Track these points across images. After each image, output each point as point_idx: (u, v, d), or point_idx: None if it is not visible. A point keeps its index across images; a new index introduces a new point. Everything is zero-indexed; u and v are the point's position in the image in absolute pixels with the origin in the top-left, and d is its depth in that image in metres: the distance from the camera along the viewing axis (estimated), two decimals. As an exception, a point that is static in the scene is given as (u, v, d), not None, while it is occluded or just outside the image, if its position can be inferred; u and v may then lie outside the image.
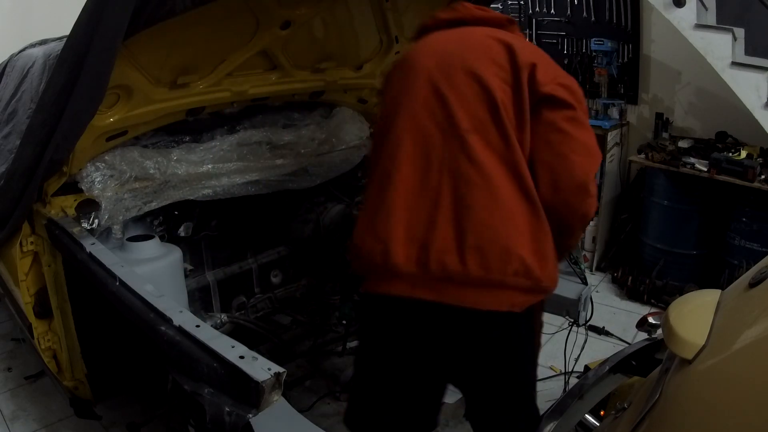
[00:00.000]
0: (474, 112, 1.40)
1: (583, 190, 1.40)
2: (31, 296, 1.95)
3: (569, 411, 1.45)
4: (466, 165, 1.38)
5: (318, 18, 2.12)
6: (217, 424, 1.18)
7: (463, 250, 1.37)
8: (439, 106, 1.42)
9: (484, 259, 1.36)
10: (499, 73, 1.42)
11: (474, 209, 1.37)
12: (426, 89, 1.45)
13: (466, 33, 1.54)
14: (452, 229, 1.38)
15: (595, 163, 1.41)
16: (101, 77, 1.49)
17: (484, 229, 1.37)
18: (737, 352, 0.95)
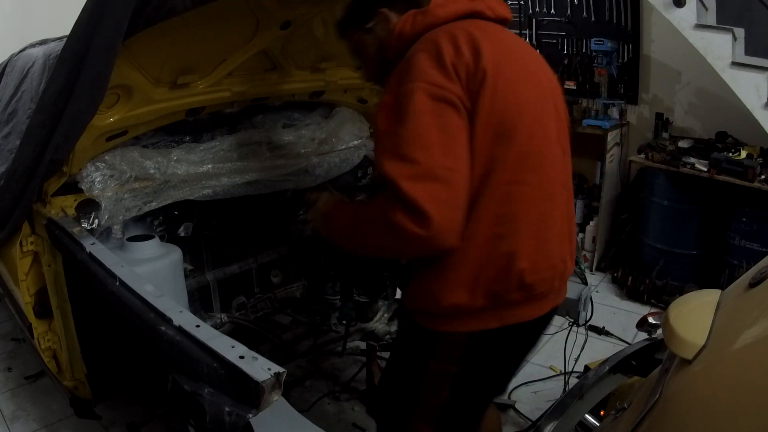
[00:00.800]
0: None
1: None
2: (31, 296, 1.95)
3: (569, 411, 1.46)
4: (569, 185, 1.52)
5: (318, 18, 2.12)
6: (217, 424, 1.18)
7: (572, 255, 1.53)
8: (559, 125, 1.46)
9: (572, 254, 1.54)
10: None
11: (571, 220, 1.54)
12: (550, 105, 1.44)
13: (524, 43, 1.58)
14: (568, 242, 1.50)
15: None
16: (101, 77, 1.49)
17: (574, 236, 1.55)
18: (737, 352, 0.95)
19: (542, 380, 2.79)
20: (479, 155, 1.30)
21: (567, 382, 2.54)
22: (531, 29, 4.21)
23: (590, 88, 4.01)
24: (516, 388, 2.73)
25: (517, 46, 1.44)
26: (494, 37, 1.37)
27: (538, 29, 4.19)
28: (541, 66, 1.48)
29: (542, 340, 1.67)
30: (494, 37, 1.37)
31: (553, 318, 1.64)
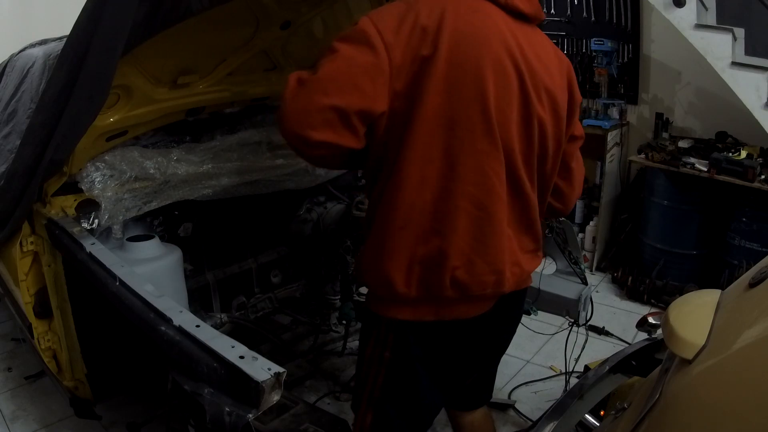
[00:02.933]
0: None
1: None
2: (31, 296, 1.95)
3: (569, 411, 1.45)
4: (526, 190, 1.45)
5: (318, 18, 2.12)
6: (217, 424, 1.18)
7: (536, 251, 1.54)
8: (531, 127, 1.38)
9: (535, 252, 1.54)
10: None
11: (535, 221, 1.51)
12: (516, 102, 1.34)
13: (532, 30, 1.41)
14: (523, 240, 1.48)
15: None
16: (102, 78, 1.49)
17: (537, 234, 1.54)
18: (737, 352, 0.95)
19: (542, 380, 2.79)
20: (424, 141, 1.28)
21: (567, 382, 2.54)
22: (531, 29, 4.20)
23: (590, 88, 4.01)
24: (516, 388, 2.73)
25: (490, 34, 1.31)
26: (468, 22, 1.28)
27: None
28: (532, 59, 1.35)
29: (542, 340, 1.66)
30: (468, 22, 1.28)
31: (512, 320, 1.64)
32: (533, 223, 1.50)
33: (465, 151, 1.30)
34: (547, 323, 2.82)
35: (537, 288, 2.29)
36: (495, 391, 2.67)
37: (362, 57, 1.24)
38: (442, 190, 1.32)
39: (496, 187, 1.35)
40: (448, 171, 1.31)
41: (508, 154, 1.35)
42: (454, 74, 1.26)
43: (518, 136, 1.36)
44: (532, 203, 1.46)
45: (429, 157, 1.30)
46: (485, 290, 1.40)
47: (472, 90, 1.27)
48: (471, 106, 1.28)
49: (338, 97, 1.23)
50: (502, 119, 1.31)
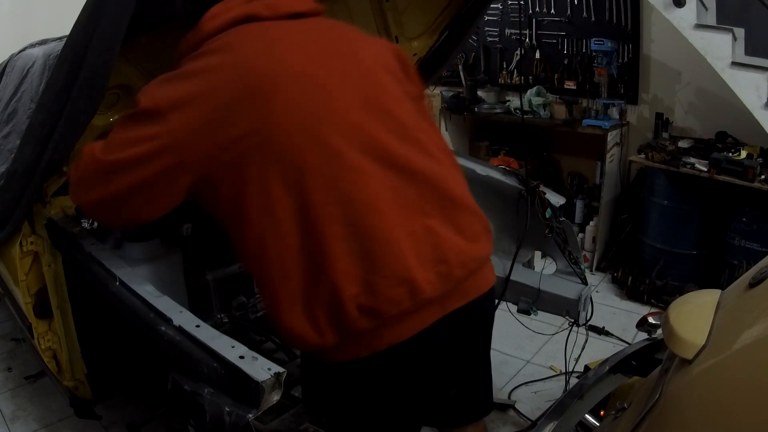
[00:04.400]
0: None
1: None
2: (31, 296, 1.95)
3: (569, 411, 1.45)
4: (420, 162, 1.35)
5: (318, 18, 2.12)
6: (217, 424, 1.18)
7: (472, 242, 1.37)
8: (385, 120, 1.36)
9: (482, 240, 1.42)
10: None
11: (458, 200, 1.38)
12: (358, 97, 1.33)
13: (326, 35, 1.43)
14: (456, 229, 1.35)
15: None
16: (101, 77, 1.49)
17: (473, 213, 1.42)
18: (737, 352, 0.95)
19: (542, 380, 2.79)
20: (258, 186, 1.22)
21: (567, 382, 2.54)
22: (531, 29, 4.21)
23: (590, 88, 4.01)
24: (516, 388, 2.73)
25: (303, 45, 1.32)
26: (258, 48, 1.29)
27: (538, 29, 4.19)
28: (351, 56, 1.35)
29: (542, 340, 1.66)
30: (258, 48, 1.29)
31: (481, 319, 1.50)
32: (453, 200, 1.36)
33: (306, 174, 1.22)
34: (547, 323, 2.82)
35: (537, 288, 2.29)
36: (495, 391, 2.68)
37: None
38: (303, 225, 1.22)
39: (359, 194, 1.24)
40: (299, 202, 1.22)
41: (363, 148, 1.26)
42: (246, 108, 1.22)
43: (365, 123, 1.28)
44: (433, 178, 1.33)
45: (270, 199, 1.22)
46: (401, 305, 1.25)
47: (272, 114, 1.22)
48: (282, 129, 1.22)
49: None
50: (323, 123, 1.24)
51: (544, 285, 2.30)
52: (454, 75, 4.52)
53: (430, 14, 2.47)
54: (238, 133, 1.21)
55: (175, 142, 1.21)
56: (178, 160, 1.22)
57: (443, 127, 4.47)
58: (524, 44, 4.27)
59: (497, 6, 4.28)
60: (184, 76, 1.25)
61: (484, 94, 4.42)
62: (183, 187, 1.27)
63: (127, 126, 1.26)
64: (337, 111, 1.27)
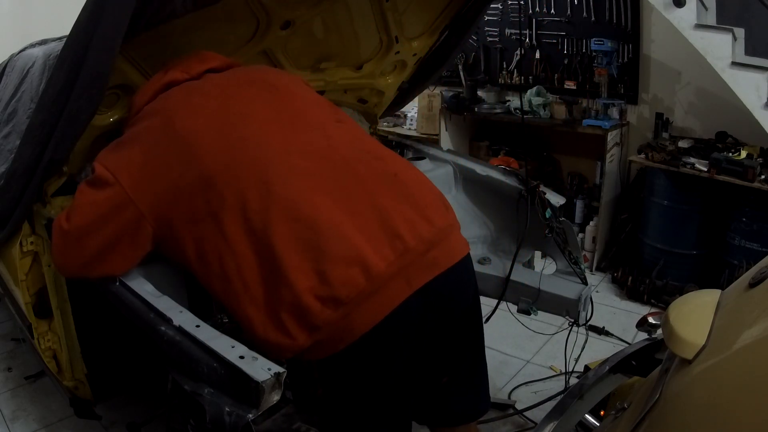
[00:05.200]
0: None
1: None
2: (31, 296, 1.95)
3: (569, 411, 1.45)
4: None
5: (318, 18, 2.12)
6: (217, 424, 1.18)
7: (424, 212, 1.41)
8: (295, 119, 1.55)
9: (437, 209, 1.46)
10: None
11: (401, 174, 1.48)
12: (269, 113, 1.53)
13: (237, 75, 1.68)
14: (403, 201, 1.41)
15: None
16: (101, 77, 1.49)
17: (420, 184, 1.50)
18: (737, 352, 0.95)
19: (542, 380, 2.79)
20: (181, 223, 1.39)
21: (567, 382, 2.54)
22: (531, 29, 4.21)
23: (590, 88, 4.01)
24: (516, 388, 2.73)
25: (214, 90, 1.54)
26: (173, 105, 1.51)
27: (538, 29, 4.19)
28: (261, 80, 1.60)
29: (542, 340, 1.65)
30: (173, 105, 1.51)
31: (461, 295, 1.49)
32: (396, 174, 1.45)
33: (242, 190, 1.35)
34: (547, 323, 2.82)
35: (537, 288, 2.29)
36: (495, 391, 2.69)
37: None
38: (251, 235, 1.32)
39: (293, 191, 1.34)
40: (243, 216, 1.33)
41: (288, 150, 1.41)
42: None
43: (283, 130, 1.45)
44: (370, 160, 1.46)
45: (217, 221, 1.35)
46: (358, 286, 1.27)
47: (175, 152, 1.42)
48: (210, 159, 1.40)
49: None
50: (245, 140, 1.42)
51: (544, 285, 2.30)
52: (454, 75, 4.52)
53: (430, 14, 2.47)
54: (175, 174, 1.39)
55: (128, 197, 1.39)
56: (136, 212, 1.39)
57: (443, 127, 4.47)
58: (524, 44, 4.27)
59: (497, 6, 4.29)
60: (126, 142, 1.49)
61: (484, 94, 4.42)
62: (147, 236, 1.43)
63: (85, 192, 1.45)
64: (255, 128, 1.44)
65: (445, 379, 1.59)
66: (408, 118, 4.91)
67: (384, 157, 1.51)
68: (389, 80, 2.70)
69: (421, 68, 2.73)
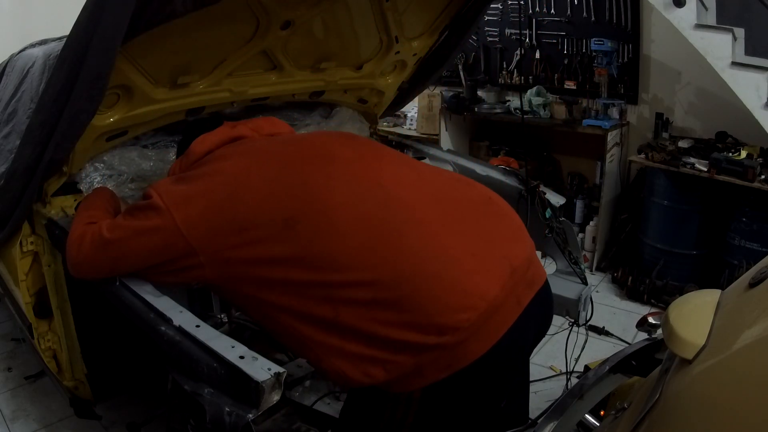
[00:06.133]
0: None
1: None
2: (31, 296, 1.95)
3: (569, 411, 1.45)
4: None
5: (318, 18, 2.12)
6: (217, 424, 1.18)
7: (517, 233, 1.52)
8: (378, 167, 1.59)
9: (524, 230, 1.57)
10: None
11: (494, 197, 1.59)
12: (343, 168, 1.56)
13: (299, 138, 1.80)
14: (501, 223, 1.50)
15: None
16: (101, 77, 1.49)
17: (508, 207, 1.60)
18: (737, 352, 0.95)
19: (542, 380, 2.79)
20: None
21: (568, 381, 2.54)
22: (531, 29, 4.21)
23: (590, 88, 4.01)
24: (516, 388, 2.73)
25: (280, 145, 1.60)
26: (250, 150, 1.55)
27: (538, 29, 4.19)
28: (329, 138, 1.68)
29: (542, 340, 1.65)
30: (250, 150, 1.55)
31: (538, 323, 1.51)
32: (488, 197, 1.56)
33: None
34: (547, 323, 2.81)
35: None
36: (495, 391, 2.69)
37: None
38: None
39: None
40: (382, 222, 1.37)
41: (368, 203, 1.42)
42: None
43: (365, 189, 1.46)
44: (457, 185, 1.59)
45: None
46: (478, 310, 1.28)
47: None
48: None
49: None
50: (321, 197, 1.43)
51: (544, 285, 2.30)
52: (454, 75, 4.52)
53: (430, 14, 2.47)
54: (242, 215, 1.37)
55: (179, 231, 1.37)
56: (186, 246, 1.37)
57: (443, 127, 4.47)
58: (524, 44, 4.27)
59: (497, 6, 4.29)
60: (187, 180, 1.46)
61: (484, 94, 4.42)
62: (196, 270, 1.40)
63: (135, 215, 1.43)
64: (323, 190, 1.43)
65: (504, 403, 1.58)
66: (408, 118, 4.91)
67: (473, 182, 1.60)
68: (389, 80, 2.71)
69: (421, 68, 2.73)
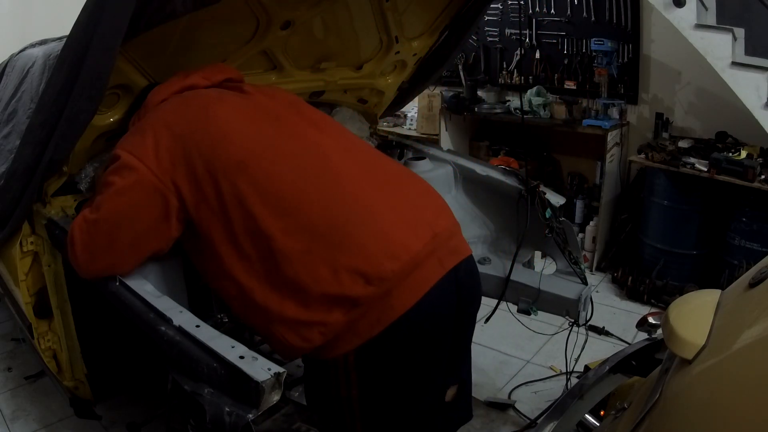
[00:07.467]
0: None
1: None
2: (31, 296, 1.95)
3: (569, 411, 1.45)
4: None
5: (318, 18, 2.12)
6: (217, 424, 1.18)
7: (442, 207, 1.55)
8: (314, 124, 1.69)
9: (447, 207, 1.59)
10: None
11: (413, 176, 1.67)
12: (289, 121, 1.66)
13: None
14: (425, 195, 1.56)
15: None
16: (101, 77, 1.49)
17: (428, 186, 1.63)
18: (737, 352, 0.95)
19: (542, 380, 2.79)
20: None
21: (568, 381, 2.54)
22: (531, 29, 4.21)
23: (590, 88, 4.01)
24: (516, 388, 2.73)
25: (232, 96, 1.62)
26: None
27: (538, 29, 4.19)
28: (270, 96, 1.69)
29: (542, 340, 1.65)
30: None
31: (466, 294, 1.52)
32: (411, 174, 1.65)
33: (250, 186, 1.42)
34: (547, 323, 2.82)
35: (537, 288, 2.29)
36: (495, 390, 2.69)
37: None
38: (288, 215, 1.39)
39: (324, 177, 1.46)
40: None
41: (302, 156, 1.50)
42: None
43: (312, 137, 1.56)
44: (383, 158, 1.65)
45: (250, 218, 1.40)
46: (401, 261, 1.33)
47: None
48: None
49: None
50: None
51: (544, 285, 2.30)
52: (454, 75, 4.52)
53: (430, 14, 2.47)
54: (205, 157, 1.42)
55: (157, 179, 1.40)
56: (164, 194, 1.41)
57: (443, 127, 4.47)
58: (524, 44, 4.27)
59: (497, 6, 4.29)
60: (148, 128, 1.50)
61: (484, 94, 4.42)
62: (175, 218, 1.44)
63: (111, 181, 1.44)
64: (289, 128, 1.55)
65: (452, 389, 1.60)
66: (408, 118, 4.92)
67: (395, 164, 1.68)
68: (389, 80, 2.71)
69: (421, 68, 2.73)
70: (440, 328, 1.45)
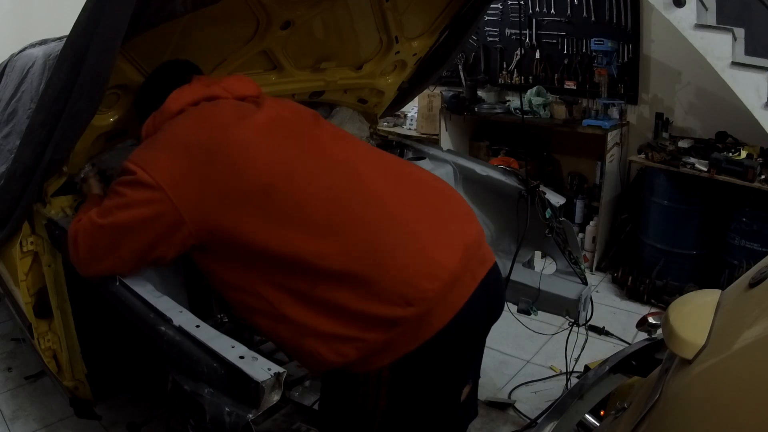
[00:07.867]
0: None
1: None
2: (31, 296, 1.95)
3: (569, 411, 1.45)
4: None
5: (318, 18, 2.12)
6: (217, 424, 1.18)
7: (468, 215, 1.54)
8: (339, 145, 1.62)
9: (473, 215, 1.59)
10: None
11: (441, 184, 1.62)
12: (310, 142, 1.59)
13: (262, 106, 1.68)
14: (453, 204, 1.53)
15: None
16: (101, 77, 1.49)
17: (455, 192, 1.64)
18: (737, 352, 0.95)
19: (542, 380, 2.79)
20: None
21: (568, 381, 2.54)
22: (531, 29, 4.21)
23: (590, 88, 4.01)
24: (516, 388, 2.73)
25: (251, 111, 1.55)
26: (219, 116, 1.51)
27: (538, 29, 4.20)
28: (290, 112, 1.61)
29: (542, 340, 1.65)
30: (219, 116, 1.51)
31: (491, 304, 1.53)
32: (435, 180, 1.60)
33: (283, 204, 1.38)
34: (547, 323, 2.82)
35: (537, 288, 2.29)
36: (495, 390, 2.69)
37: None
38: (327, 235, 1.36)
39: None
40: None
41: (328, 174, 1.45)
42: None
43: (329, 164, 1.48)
44: (405, 168, 1.60)
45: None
46: (442, 280, 1.32)
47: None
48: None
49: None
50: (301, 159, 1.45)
51: (544, 285, 2.30)
52: (454, 75, 4.52)
53: (430, 14, 2.47)
54: (224, 181, 1.37)
55: (171, 202, 1.36)
56: (177, 217, 1.36)
57: (443, 127, 4.47)
58: (524, 44, 4.27)
59: (497, 6, 4.29)
60: (164, 144, 1.45)
61: (484, 94, 4.42)
62: (183, 241, 1.40)
63: (122, 192, 1.41)
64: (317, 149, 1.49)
65: (467, 388, 1.61)
66: (408, 118, 4.92)
67: (420, 167, 1.66)
68: (389, 80, 2.71)
69: (421, 68, 2.73)
70: (472, 339, 1.46)
